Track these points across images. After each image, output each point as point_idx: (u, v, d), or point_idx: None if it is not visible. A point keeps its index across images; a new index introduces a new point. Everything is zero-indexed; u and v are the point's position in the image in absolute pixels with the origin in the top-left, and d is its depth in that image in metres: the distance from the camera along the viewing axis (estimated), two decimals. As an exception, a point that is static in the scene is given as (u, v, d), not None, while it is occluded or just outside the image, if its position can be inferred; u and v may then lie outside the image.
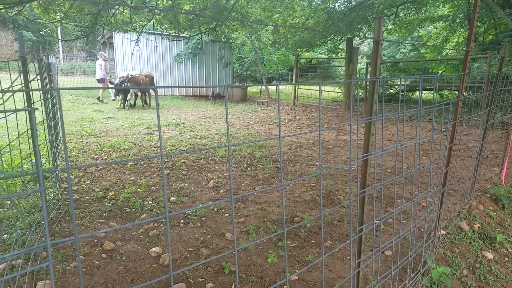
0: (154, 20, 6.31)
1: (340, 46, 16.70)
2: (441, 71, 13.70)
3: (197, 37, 9.94)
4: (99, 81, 13.87)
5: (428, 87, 12.94)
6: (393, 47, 30.30)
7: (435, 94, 2.50)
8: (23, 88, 3.07)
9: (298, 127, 9.69)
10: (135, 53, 14.88)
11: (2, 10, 5.61)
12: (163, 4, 5.99)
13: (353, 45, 12.47)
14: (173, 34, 9.08)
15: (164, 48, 16.61)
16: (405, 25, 13.06)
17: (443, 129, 4.77)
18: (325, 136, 8.29)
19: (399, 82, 13.99)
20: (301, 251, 3.10)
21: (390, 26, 13.73)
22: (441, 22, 15.01)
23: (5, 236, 3.09)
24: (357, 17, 9.50)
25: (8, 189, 4.04)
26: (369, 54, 36.65)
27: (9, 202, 3.83)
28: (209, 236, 3.34)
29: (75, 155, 6.00)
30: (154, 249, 3.03)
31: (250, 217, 3.76)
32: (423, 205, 4.23)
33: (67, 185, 4.60)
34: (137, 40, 8.05)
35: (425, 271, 2.71)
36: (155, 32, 13.04)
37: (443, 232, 3.40)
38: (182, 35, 10.00)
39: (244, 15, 5.96)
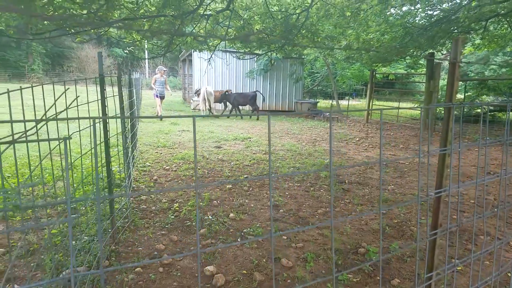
0: (226, 40, 6.50)
1: (420, 61, 15.73)
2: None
3: (267, 54, 10.09)
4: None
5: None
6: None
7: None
8: (100, 101, 3.28)
9: (370, 145, 9.22)
10: (211, 69, 15.59)
11: (92, 31, 6.16)
12: (235, 24, 6.14)
13: (435, 61, 11.65)
14: (245, 52, 9.35)
15: (237, 64, 17.18)
16: (495, 39, 11.87)
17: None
18: (400, 157, 7.75)
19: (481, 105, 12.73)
20: None
21: (478, 41, 12.61)
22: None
23: (74, 242, 3.27)
24: (440, 31, 8.82)
25: (84, 195, 4.32)
26: (453, 70, 34.23)
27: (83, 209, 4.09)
28: (264, 260, 3.22)
29: (149, 165, 6.32)
30: (208, 267, 2.99)
31: (309, 243, 3.57)
32: (512, 244, 3.68)
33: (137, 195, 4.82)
34: (209, 58, 8.37)
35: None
36: (228, 50, 13.56)
37: (536, 280, 2.90)
38: (253, 52, 10.23)
39: (314, 32, 5.84)
